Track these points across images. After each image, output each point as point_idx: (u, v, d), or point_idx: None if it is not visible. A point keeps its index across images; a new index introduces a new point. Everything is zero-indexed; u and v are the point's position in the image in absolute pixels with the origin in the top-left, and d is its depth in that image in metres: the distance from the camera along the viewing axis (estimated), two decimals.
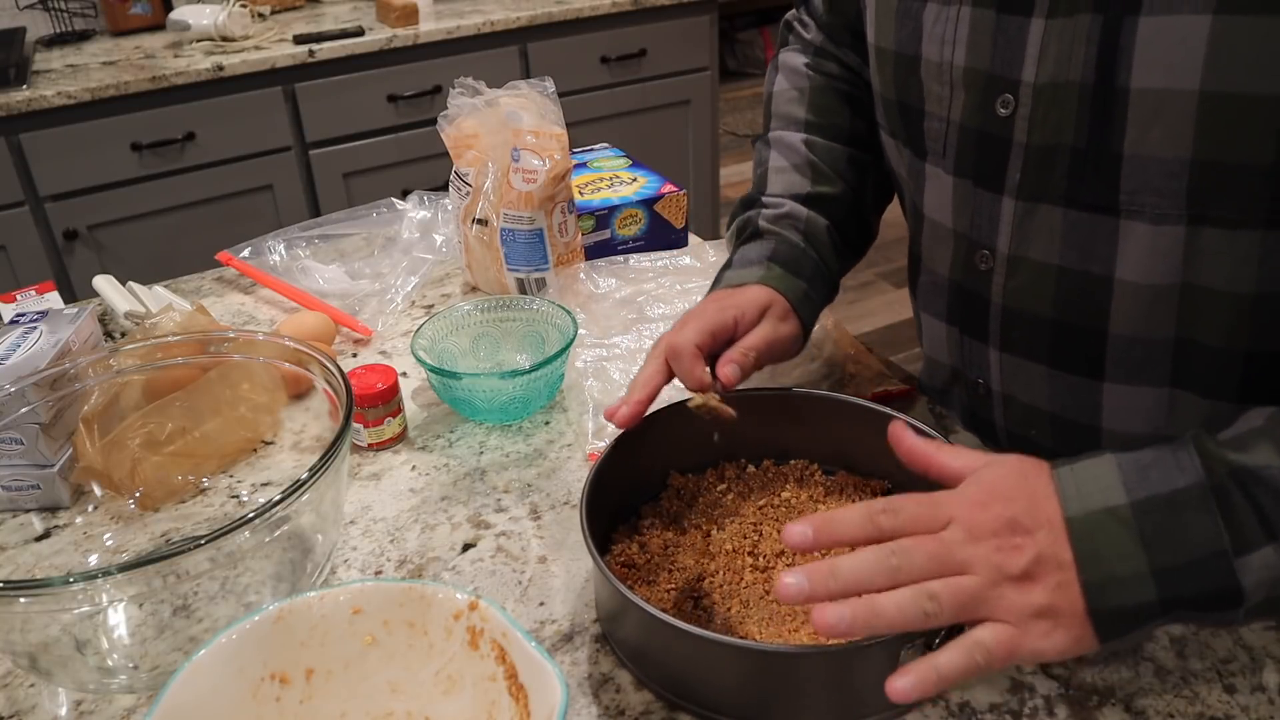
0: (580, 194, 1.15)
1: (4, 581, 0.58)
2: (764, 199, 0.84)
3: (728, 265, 0.81)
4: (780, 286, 0.76)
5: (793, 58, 0.91)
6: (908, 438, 0.58)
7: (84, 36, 2.32)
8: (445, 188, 1.16)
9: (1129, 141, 0.57)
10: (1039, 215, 0.63)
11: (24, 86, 1.94)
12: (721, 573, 0.68)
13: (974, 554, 0.51)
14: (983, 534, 0.51)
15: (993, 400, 0.74)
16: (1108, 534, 0.50)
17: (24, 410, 0.75)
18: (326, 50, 2.14)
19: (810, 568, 0.50)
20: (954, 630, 0.54)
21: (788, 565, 0.68)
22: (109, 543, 0.77)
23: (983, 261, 0.68)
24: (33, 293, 1.08)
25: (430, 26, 2.24)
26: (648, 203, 1.14)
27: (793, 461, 0.78)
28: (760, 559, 0.69)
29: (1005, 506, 0.52)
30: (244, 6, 2.19)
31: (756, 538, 0.71)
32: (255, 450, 0.86)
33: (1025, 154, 0.63)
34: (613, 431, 0.72)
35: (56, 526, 0.78)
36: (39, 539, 0.77)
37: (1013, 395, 0.72)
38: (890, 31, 0.72)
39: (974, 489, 0.53)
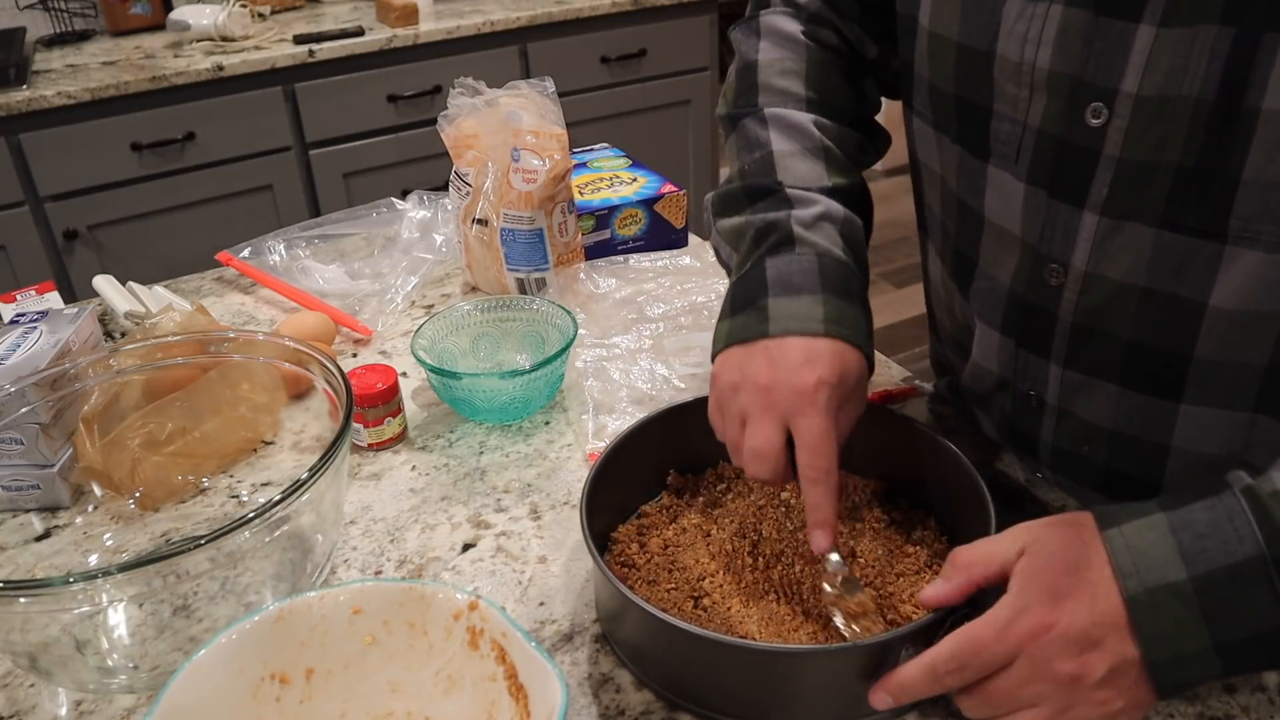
0: (580, 194, 1.15)
1: (4, 581, 0.58)
2: (788, 191, 0.72)
3: (760, 282, 0.68)
4: (854, 339, 0.66)
5: (782, 22, 0.80)
6: (939, 595, 0.58)
7: (84, 36, 2.32)
8: (445, 188, 1.16)
9: (1251, 166, 0.53)
10: (1125, 234, 0.60)
11: (24, 86, 1.94)
12: (721, 573, 0.68)
13: (1042, 691, 0.52)
14: (1050, 662, 0.52)
15: (1044, 414, 0.71)
16: (1170, 613, 0.51)
17: (24, 410, 0.75)
18: (326, 50, 2.14)
19: None
20: (959, 620, 0.54)
21: (787, 566, 0.68)
22: (109, 543, 0.77)
23: (1053, 276, 0.65)
24: (33, 293, 1.08)
25: (430, 26, 2.24)
26: (648, 203, 1.14)
27: None
28: (760, 559, 0.69)
29: (1069, 619, 0.52)
30: (244, 6, 2.19)
31: (756, 538, 0.71)
32: (255, 450, 0.86)
33: (1117, 169, 0.58)
34: (613, 431, 0.72)
35: (56, 526, 0.78)
36: (39, 539, 0.77)
37: (1071, 411, 0.69)
38: (953, 21, 0.66)
39: (1033, 603, 0.53)
